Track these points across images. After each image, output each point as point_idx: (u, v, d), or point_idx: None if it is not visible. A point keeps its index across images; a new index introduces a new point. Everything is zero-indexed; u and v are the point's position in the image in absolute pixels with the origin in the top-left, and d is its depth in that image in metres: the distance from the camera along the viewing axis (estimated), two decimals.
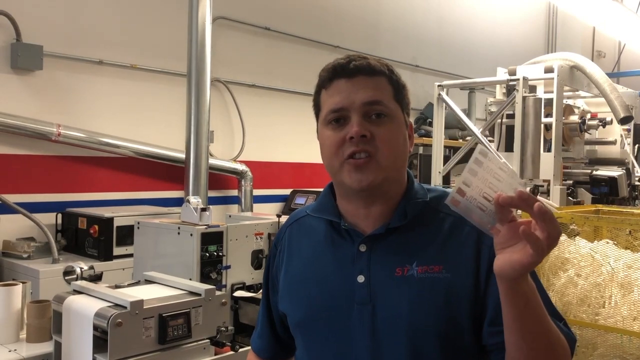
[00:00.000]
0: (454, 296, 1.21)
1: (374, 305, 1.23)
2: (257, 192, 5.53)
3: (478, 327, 1.23)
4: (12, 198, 3.94)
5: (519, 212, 1.07)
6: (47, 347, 2.26)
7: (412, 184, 1.32)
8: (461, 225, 1.25)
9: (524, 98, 3.84)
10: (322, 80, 1.29)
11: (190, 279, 2.66)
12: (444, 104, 4.32)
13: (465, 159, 4.97)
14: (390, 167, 1.24)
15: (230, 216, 3.58)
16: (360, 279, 1.25)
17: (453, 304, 1.21)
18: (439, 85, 4.32)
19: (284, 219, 2.90)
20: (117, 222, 3.93)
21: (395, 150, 1.25)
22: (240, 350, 2.24)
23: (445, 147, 4.54)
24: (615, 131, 5.17)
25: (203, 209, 2.85)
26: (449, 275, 1.21)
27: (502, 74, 4.39)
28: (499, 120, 4.40)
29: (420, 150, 6.12)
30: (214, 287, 2.24)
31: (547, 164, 4.08)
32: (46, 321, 2.30)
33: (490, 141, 4.32)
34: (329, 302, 1.27)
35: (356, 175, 1.21)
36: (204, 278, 2.75)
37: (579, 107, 4.91)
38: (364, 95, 1.23)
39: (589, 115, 4.89)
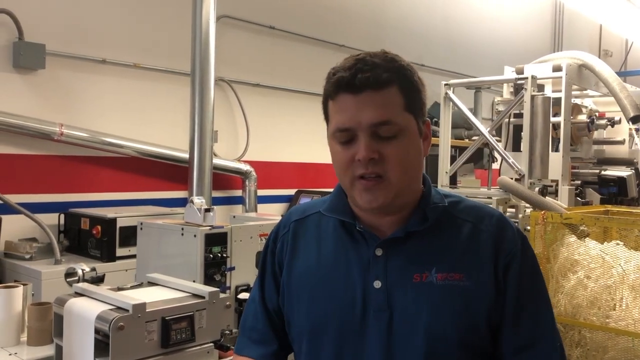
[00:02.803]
0: (474, 305, 1.19)
1: (392, 311, 1.19)
2: (262, 192, 5.50)
3: (494, 336, 1.22)
4: (14, 198, 3.91)
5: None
6: (48, 351, 2.22)
7: (430, 188, 1.28)
8: (479, 233, 1.24)
9: (532, 97, 3.78)
10: (329, 90, 1.22)
11: (194, 281, 2.63)
12: (451, 103, 4.27)
13: (472, 159, 4.92)
14: (401, 184, 1.20)
15: (234, 217, 3.55)
16: (377, 284, 1.20)
17: (473, 313, 1.18)
18: (445, 84, 4.27)
19: None
20: (120, 223, 3.90)
21: (406, 167, 1.20)
22: None
23: (451, 147, 4.48)
24: (624, 130, 5.12)
25: (207, 210, 2.82)
26: (468, 284, 1.19)
27: (509, 73, 4.34)
28: (507, 120, 4.35)
29: None
30: (218, 289, 2.20)
31: (555, 163, 4.03)
32: (47, 324, 2.26)
33: (497, 141, 4.27)
34: (341, 309, 1.22)
35: (367, 196, 1.18)
36: (208, 280, 2.72)
37: (586, 107, 4.86)
38: (371, 115, 1.16)
39: (597, 115, 4.84)
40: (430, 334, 1.16)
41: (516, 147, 4.44)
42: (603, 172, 4.88)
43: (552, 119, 4.00)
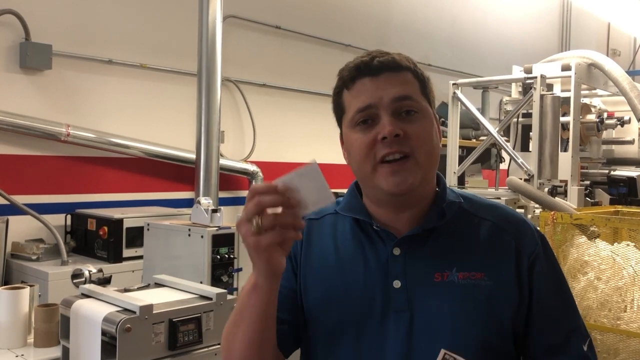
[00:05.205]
0: (497, 305, 1.16)
1: (413, 312, 1.16)
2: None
3: (516, 337, 1.20)
4: (21, 199, 3.90)
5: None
6: (54, 352, 2.22)
7: (445, 185, 1.26)
8: (499, 232, 1.22)
9: (541, 96, 3.75)
10: (344, 80, 1.20)
11: (201, 282, 2.62)
12: (459, 102, 4.25)
13: (479, 159, 4.89)
14: (427, 166, 1.17)
15: None
16: (397, 284, 1.17)
17: (496, 313, 1.16)
18: (453, 84, 4.24)
19: None
20: (127, 224, 3.89)
21: (431, 147, 1.18)
22: None
23: (458, 147, 4.45)
24: (633, 130, 5.07)
25: (214, 210, 2.80)
26: (491, 283, 1.16)
27: (518, 72, 4.31)
28: (515, 119, 4.32)
29: None
30: (226, 291, 2.19)
31: (565, 164, 3.99)
32: (54, 325, 2.25)
33: (506, 141, 4.23)
34: (360, 309, 1.18)
35: (394, 179, 1.13)
36: (215, 281, 2.71)
37: (595, 106, 4.82)
38: (393, 91, 1.15)
39: (606, 114, 4.80)
40: (453, 336, 1.13)
41: (524, 147, 4.41)
42: (612, 172, 4.84)
43: (561, 119, 3.97)
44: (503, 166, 4.84)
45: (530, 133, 4.00)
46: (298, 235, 1.03)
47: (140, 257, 3.40)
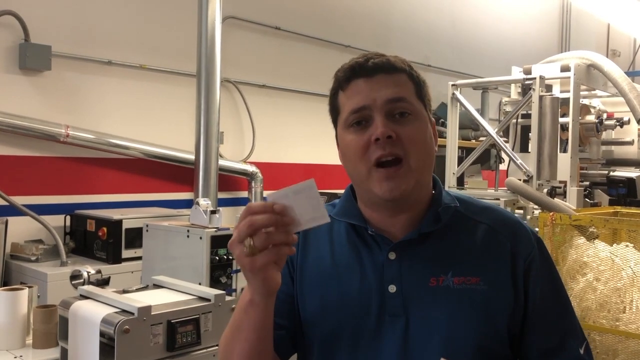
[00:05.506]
0: (493, 308, 1.16)
1: (408, 317, 1.15)
2: (268, 193, 5.48)
3: (512, 340, 1.19)
4: (20, 200, 3.91)
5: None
6: (53, 354, 2.21)
7: (441, 188, 1.25)
8: (494, 235, 1.21)
9: (540, 97, 3.76)
10: (339, 81, 1.21)
11: (200, 283, 2.62)
12: (458, 103, 4.25)
13: (479, 160, 4.89)
14: (420, 170, 1.16)
15: None
16: (392, 288, 1.17)
17: (492, 317, 1.15)
18: (453, 85, 4.24)
19: None
20: (126, 225, 3.89)
21: (424, 150, 1.17)
22: None
23: (458, 147, 4.45)
24: (632, 131, 5.07)
25: (213, 212, 2.81)
26: (486, 287, 1.16)
27: (517, 73, 4.31)
28: (514, 120, 4.32)
29: None
30: (224, 292, 2.18)
31: (564, 165, 3.99)
32: (53, 327, 2.25)
33: (505, 142, 4.24)
34: (356, 314, 1.18)
35: (387, 184, 1.13)
36: (214, 282, 2.71)
37: (595, 107, 4.82)
38: (386, 92, 1.15)
39: (605, 115, 4.80)
40: (449, 341, 1.13)
41: (524, 148, 4.41)
42: (612, 173, 4.84)
43: (560, 120, 3.97)
44: (503, 167, 4.84)
45: (530, 134, 4.00)
46: (292, 251, 1.03)
47: (139, 258, 3.41)
